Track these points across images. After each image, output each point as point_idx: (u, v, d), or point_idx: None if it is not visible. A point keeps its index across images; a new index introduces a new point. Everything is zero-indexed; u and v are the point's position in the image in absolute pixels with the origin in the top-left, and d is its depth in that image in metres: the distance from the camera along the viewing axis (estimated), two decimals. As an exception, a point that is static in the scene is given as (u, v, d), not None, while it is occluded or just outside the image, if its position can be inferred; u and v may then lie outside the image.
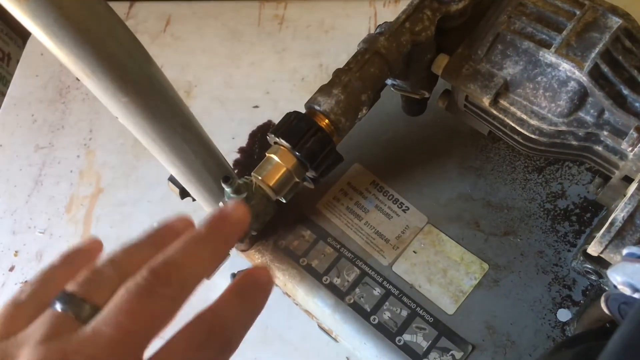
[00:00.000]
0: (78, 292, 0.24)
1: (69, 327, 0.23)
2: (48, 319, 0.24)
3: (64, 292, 0.24)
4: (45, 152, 0.76)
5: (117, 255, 0.25)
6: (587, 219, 0.49)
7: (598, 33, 0.37)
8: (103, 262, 0.25)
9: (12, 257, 0.70)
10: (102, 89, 0.32)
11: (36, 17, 0.28)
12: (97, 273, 0.25)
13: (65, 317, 0.23)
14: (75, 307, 0.24)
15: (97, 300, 0.24)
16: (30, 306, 0.25)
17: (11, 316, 0.25)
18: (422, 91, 0.46)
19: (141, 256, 0.25)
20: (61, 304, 0.24)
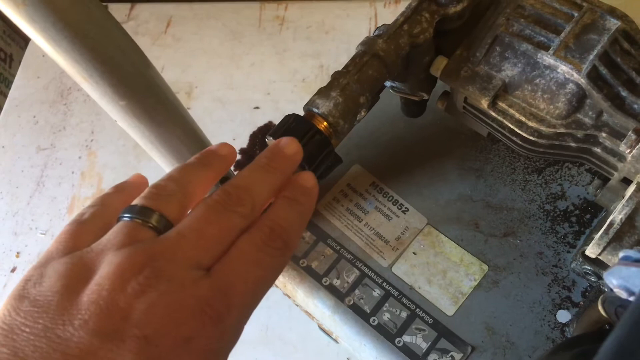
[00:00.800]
0: (146, 204, 0.25)
1: (145, 235, 0.25)
2: (121, 229, 0.25)
3: (131, 206, 0.26)
4: (46, 153, 0.77)
5: (173, 175, 0.27)
6: (587, 220, 0.49)
7: (596, 35, 0.37)
8: (163, 180, 0.27)
9: (14, 258, 0.70)
10: (100, 93, 0.32)
11: (34, 21, 0.28)
12: (161, 188, 0.27)
13: (138, 226, 0.25)
14: (146, 216, 0.25)
15: (165, 211, 0.26)
16: (94, 224, 0.27)
17: (77, 232, 0.26)
18: (421, 93, 0.46)
19: (196, 175, 0.28)
20: (131, 214, 0.25)
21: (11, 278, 0.69)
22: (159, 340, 0.22)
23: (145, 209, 0.25)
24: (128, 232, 0.24)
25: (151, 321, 0.22)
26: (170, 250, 0.24)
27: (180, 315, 0.22)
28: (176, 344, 0.22)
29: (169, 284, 0.23)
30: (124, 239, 0.24)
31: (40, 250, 0.70)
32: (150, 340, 0.22)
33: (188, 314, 0.23)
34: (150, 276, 0.23)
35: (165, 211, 0.26)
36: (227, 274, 0.24)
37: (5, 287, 0.68)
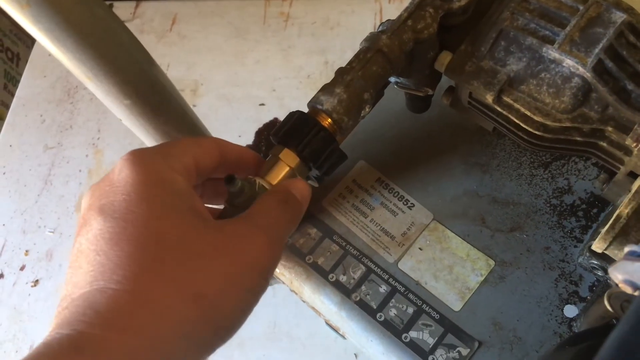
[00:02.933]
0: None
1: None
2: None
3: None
4: (54, 151, 0.77)
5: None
6: (594, 214, 0.48)
7: (602, 28, 0.37)
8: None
9: (23, 257, 0.71)
10: (105, 92, 0.32)
11: (38, 22, 0.28)
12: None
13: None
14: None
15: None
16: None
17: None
18: (425, 88, 0.46)
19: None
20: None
21: (20, 276, 0.69)
22: None
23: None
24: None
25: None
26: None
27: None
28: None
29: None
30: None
31: (49, 248, 0.71)
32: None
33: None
34: None
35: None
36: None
37: (15, 285, 0.69)
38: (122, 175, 0.27)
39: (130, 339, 0.24)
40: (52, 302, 0.68)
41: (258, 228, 0.29)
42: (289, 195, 0.32)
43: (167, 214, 0.26)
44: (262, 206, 0.31)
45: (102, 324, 0.24)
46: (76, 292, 0.25)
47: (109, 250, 0.25)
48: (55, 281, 0.69)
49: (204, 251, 0.26)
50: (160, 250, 0.25)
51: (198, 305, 0.25)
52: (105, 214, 0.26)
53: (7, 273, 0.70)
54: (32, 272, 0.70)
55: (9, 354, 0.65)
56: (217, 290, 0.26)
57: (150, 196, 0.27)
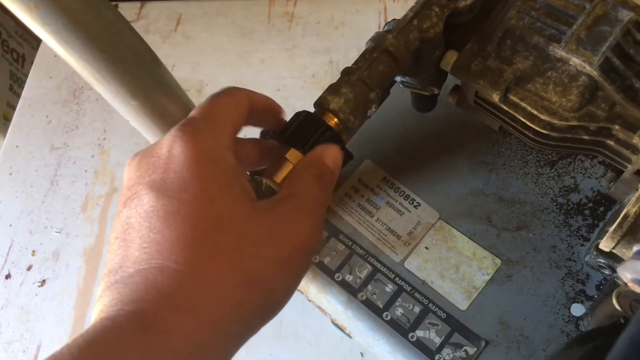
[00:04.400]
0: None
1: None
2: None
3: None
4: (60, 152, 0.77)
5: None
6: (601, 212, 0.48)
7: (608, 26, 0.37)
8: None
9: (30, 257, 0.71)
10: (112, 93, 0.32)
11: (46, 24, 0.28)
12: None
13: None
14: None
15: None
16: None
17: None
18: (431, 87, 0.46)
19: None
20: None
21: (27, 276, 0.70)
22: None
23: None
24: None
25: None
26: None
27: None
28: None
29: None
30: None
31: (56, 249, 0.71)
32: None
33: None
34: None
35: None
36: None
37: (22, 285, 0.69)
38: (174, 151, 0.27)
39: (193, 320, 0.24)
40: (59, 301, 0.68)
41: (303, 212, 0.29)
42: (324, 169, 0.33)
43: (221, 195, 0.27)
44: (303, 186, 0.31)
45: (166, 305, 0.24)
46: (130, 267, 0.25)
47: (164, 229, 0.25)
48: (62, 281, 0.69)
49: (257, 236, 0.27)
50: (215, 233, 0.26)
51: (252, 290, 0.26)
52: (158, 190, 0.26)
53: (14, 273, 0.70)
54: (39, 272, 0.70)
55: (16, 354, 0.66)
56: (269, 274, 0.26)
57: (204, 175, 0.27)
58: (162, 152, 0.28)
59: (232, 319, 0.25)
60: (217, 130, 0.29)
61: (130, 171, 0.28)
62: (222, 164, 0.28)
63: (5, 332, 0.67)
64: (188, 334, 0.24)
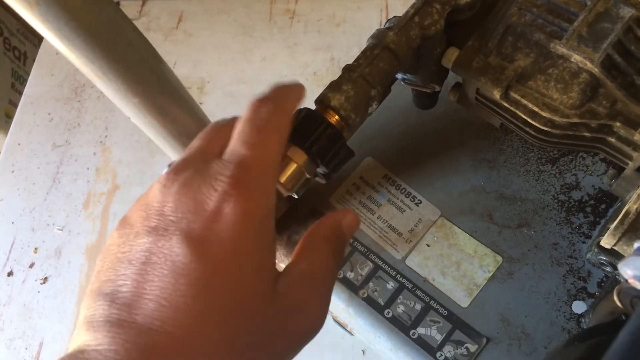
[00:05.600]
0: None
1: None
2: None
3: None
4: (62, 149, 0.77)
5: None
6: (602, 210, 0.48)
7: (610, 23, 0.37)
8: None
9: (32, 254, 0.71)
10: (114, 90, 0.32)
11: (47, 21, 0.28)
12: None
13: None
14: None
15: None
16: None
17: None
18: (432, 85, 0.45)
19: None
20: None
21: (29, 273, 0.70)
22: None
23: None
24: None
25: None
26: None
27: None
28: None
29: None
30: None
31: (58, 246, 0.71)
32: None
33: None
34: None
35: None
36: (238, 152, 0.27)
37: (24, 282, 0.69)
38: (223, 213, 0.25)
39: None
40: (61, 299, 0.68)
41: (319, 297, 0.28)
42: (342, 243, 0.31)
43: (253, 279, 0.25)
44: (321, 263, 0.29)
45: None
46: (140, 317, 0.23)
47: (189, 299, 0.23)
48: (64, 278, 0.69)
49: (271, 327, 0.25)
50: (237, 322, 0.24)
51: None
52: (194, 249, 0.24)
53: (17, 270, 0.70)
54: (41, 269, 0.70)
55: (18, 351, 0.66)
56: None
57: (246, 251, 0.25)
58: (209, 204, 0.25)
59: None
60: (269, 188, 0.27)
61: (165, 198, 0.25)
62: (264, 238, 0.26)
63: (8, 329, 0.67)
64: None
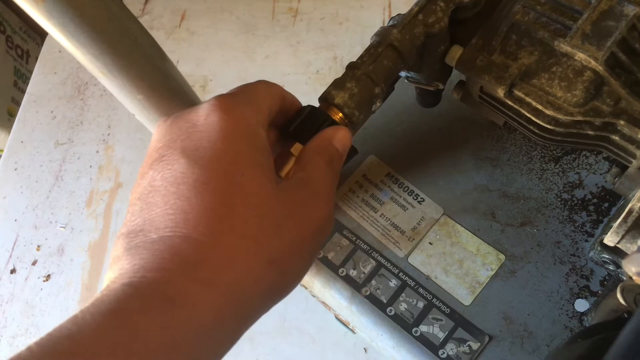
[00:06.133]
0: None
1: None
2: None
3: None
4: (65, 147, 0.78)
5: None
6: (605, 208, 0.48)
7: (614, 21, 0.37)
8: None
9: (35, 252, 0.71)
10: (118, 87, 0.32)
11: (53, 18, 0.28)
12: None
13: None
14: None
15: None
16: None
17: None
18: (436, 83, 0.45)
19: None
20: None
21: (32, 271, 0.70)
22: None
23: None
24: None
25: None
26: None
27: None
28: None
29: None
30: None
31: (60, 244, 0.71)
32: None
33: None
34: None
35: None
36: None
37: (27, 280, 0.69)
38: (210, 120, 0.27)
39: (217, 295, 0.24)
40: (64, 296, 0.68)
41: (320, 197, 0.29)
42: (334, 153, 0.33)
43: (252, 172, 0.26)
44: (317, 171, 0.31)
45: (191, 276, 0.24)
46: (153, 232, 0.24)
47: (192, 198, 0.25)
48: (67, 276, 0.69)
49: (279, 216, 0.27)
50: (243, 209, 0.25)
51: (272, 268, 0.26)
52: (189, 157, 0.26)
53: (20, 268, 0.70)
54: (44, 267, 0.70)
55: (21, 348, 0.66)
56: (288, 255, 0.27)
57: (237, 149, 0.27)
58: (198, 119, 0.27)
59: (252, 296, 0.25)
60: (255, 108, 0.29)
61: (161, 133, 0.28)
62: (256, 141, 0.28)
63: (11, 327, 0.67)
64: (211, 307, 0.24)
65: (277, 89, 0.33)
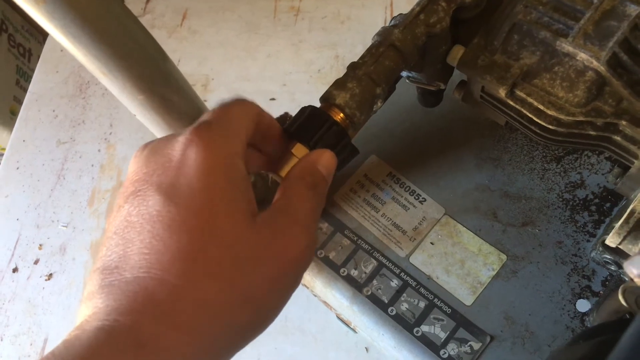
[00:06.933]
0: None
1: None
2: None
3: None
4: (66, 146, 0.78)
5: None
6: (607, 208, 0.48)
7: (616, 21, 0.37)
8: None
9: (37, 251, 0.71)
10: (119, 87, 0.32)
11: (54, 18, 0.28)
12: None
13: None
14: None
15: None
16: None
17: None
18: (437, 83, 0.45)
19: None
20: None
21: (34, 270, 0.70)
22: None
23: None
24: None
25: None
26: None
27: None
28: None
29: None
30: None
31: (63, 243, 0.71)
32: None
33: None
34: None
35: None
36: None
37: (29, 279, 0.70)
38: (188, 156, 0.26)
39: (189, 339, 0.24)
40: (66, 295, 0.68)
41: (299, 225, 0.29)
42: (318, 178, 0.32)
43: (227, 209, 0.26)
44: (298, 197, 0.30)
45: (164, 321, 0.24)
46: (127, 271, 0.24)
47: (167, 239, 0.25)
48: (69, 275, 0.69)
49: (255, 252, 0.26)
50: (218, 250, 0.25)
51: (246, 308, 0.26)
52: (165, 195, 0.25)
53: (22, 267, 0.70)
54: (46, 266, 0.70)
55: (23, 347, 0.66)
56: (263, 293, 0.26)
57: (214, 187, 0.26)
58: (174, 154, 0.27)
59: (225, 337, 0.25)
60: (231, 137, 0.29)
61: (137, 165, 0.27)
62: (233, 175, 0.27)
63: (13, 325, 0.68)
64: (183, 352, 0.24)
65: (252, 107, 0.32)
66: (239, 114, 0.31)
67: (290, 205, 0.30)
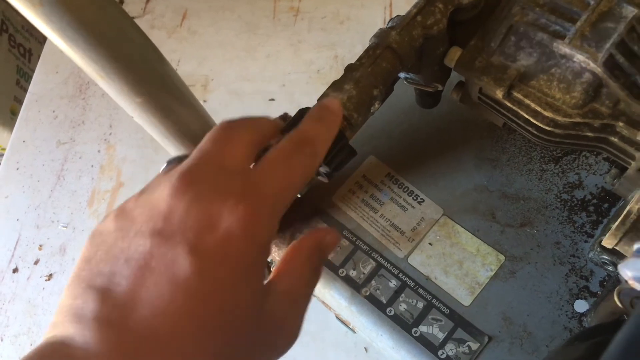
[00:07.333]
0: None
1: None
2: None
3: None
4: (66, 147, 0.78)
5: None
6: (605, 209, 0.48)
7: (613, 23, 0.37)
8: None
9: (37, 251, 0.72)
10: (117, 90, 0.32)
11: (50, 21, 0.28)
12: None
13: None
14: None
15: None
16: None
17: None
18: (435, 84, 0.45)
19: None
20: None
21: (34, 270, 0.70)
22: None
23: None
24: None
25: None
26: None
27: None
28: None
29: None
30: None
31: (62, 243, 0.71)
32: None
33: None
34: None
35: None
36: (260, 175, 0.27)
37: (29, 279, 0.70)
38: (232, 231, 0.25)
39: None
40: (66, 295, 0.68)
41: (298, 315, 0.28)
42: (321, 261, 0.31)
43: (248, 303, 0.25)
44: (301, 282, 0.29)
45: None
46: (131, 323, 0.23)
47: (184, 314, 0.23)
48: (69, 275, 0.69)
49: (256, 341, 0.26)
50: (227, 340, 0.24)
51: None
52: (198, 264, 0.24)
53: (22, 267, 0.71)
54: (46, 266, 0.70)
55: (23, 347, 0.66)
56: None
57: (247, 275, 0.25)
58: (220, 221, 0.25)
59: None
60: (275, 220, 0.27)
61: (178, 202, 0.25)
62: (262, 263, 0.26)
63: (13, 326, 0.68)
64: None
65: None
66: (302, 183, 0.29)
67: (294, 294, 0.28)
